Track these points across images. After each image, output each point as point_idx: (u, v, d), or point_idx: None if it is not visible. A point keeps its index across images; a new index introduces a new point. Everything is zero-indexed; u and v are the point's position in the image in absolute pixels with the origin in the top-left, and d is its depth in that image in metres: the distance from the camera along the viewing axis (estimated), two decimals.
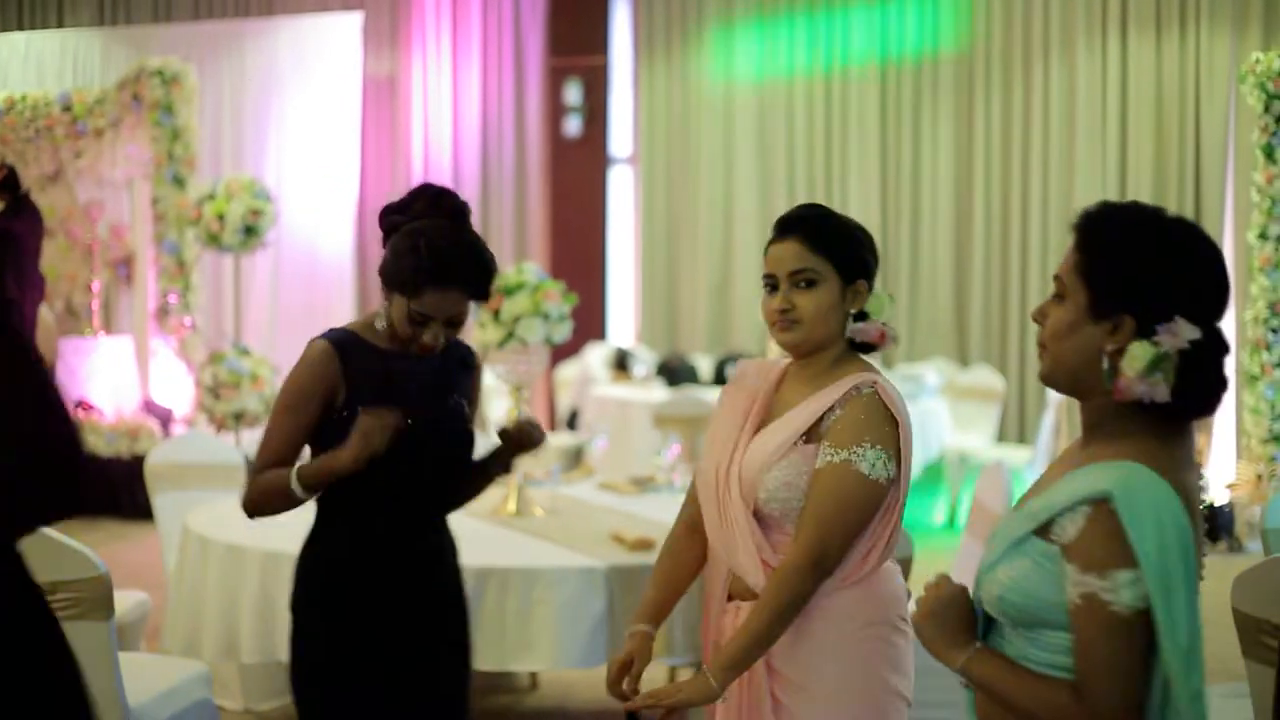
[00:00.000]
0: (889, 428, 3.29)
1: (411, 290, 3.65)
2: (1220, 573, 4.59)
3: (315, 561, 3.84)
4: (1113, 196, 11.82)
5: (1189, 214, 11.95)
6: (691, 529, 3.58)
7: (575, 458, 10.55)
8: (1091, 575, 2.43)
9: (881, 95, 13.17)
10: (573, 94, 14.17)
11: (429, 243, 3.65)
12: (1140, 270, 2.51)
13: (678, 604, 4.75)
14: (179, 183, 11.41)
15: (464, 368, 3.91)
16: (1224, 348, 2.53)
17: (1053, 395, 10.93)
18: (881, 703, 3.34)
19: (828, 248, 3.36)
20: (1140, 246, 2.52)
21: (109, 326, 12.88)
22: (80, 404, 12.02)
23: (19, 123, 12.62)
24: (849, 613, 3.32)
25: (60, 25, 14.15)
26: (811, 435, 3.31)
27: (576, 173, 14.20)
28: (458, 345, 3.93)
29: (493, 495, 6.08)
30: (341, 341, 3.76)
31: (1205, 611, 2.49)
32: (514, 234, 13.84)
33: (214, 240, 9.27)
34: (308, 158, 13.43)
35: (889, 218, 13.07)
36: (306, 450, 3.77)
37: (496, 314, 5.70)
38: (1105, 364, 2.54)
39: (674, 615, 5.10)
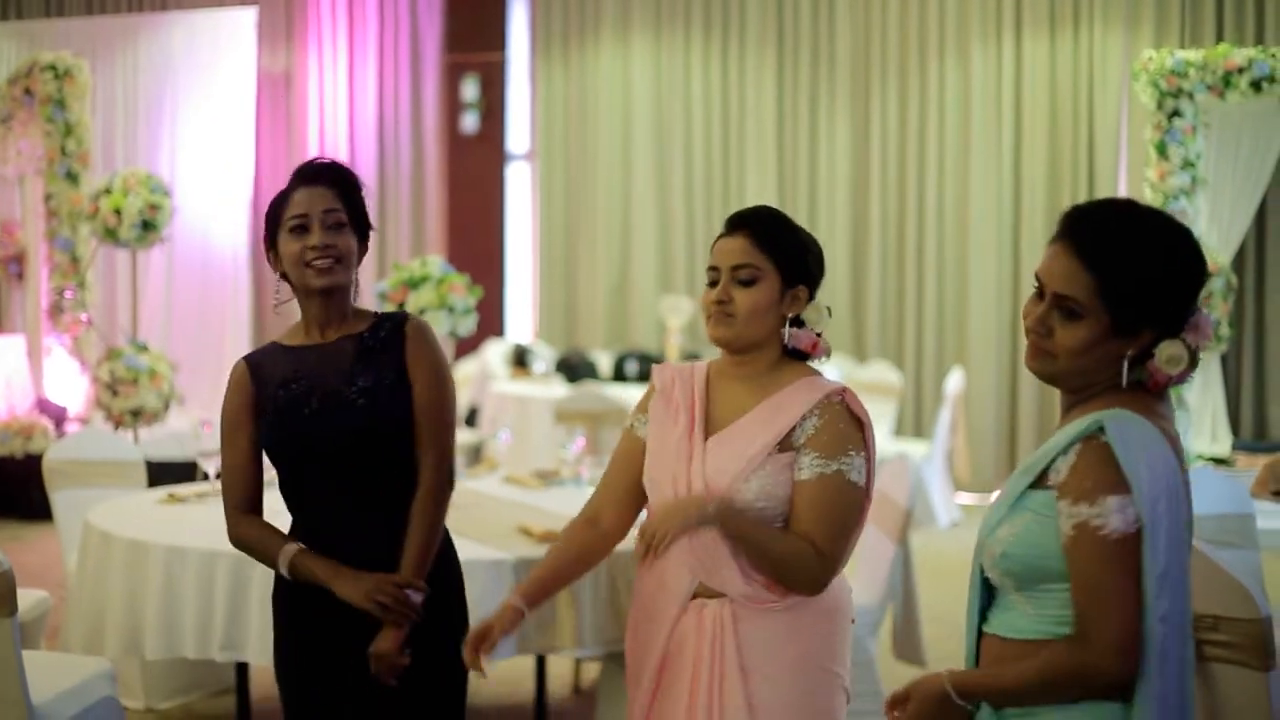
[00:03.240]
0: (860, 434, 3.36)
1: (282, 202, 3.70)
2: None
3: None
4: (1007, 193, 12.14)
5: None
6: (591, 524, 3.60)
7: (475, 454, 10.53)
8: (1082, 505, 2.56)
9: (778, 95, 13.23)
10: (470, 90, 14.12)
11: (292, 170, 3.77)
12: (1166, 287, 2.66)
13: (585, 596, 4.75)
14: (72, 178, 11.27)
15: (393, 339, 3.77)
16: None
17: (950, 390, 11.03)
18: (835, 699, 3.40)
19: (773, 247, 3.41)
20: (1152, 266, 2.65)
21: (0, 324, 12.70)
22: None
23: None
24: (812, 612, 3.37)
25: None
26: (785, 444, 3.34)
27: (474, 169, 14.16)
28: (387, 321, 3.82)
29: None
30: (256, 356, 3.83)
31: None
32: (411, 230, 13.80)
33: (111, 235, 9.16)
34: (202, 153, 13.31)
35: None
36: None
37: (402, 306, 5.69)
38: (1127, 366, 2.69)
39: (583, 607, 5.11)
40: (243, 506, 3.79)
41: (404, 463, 3.76)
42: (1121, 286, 2.65)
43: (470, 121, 14.17)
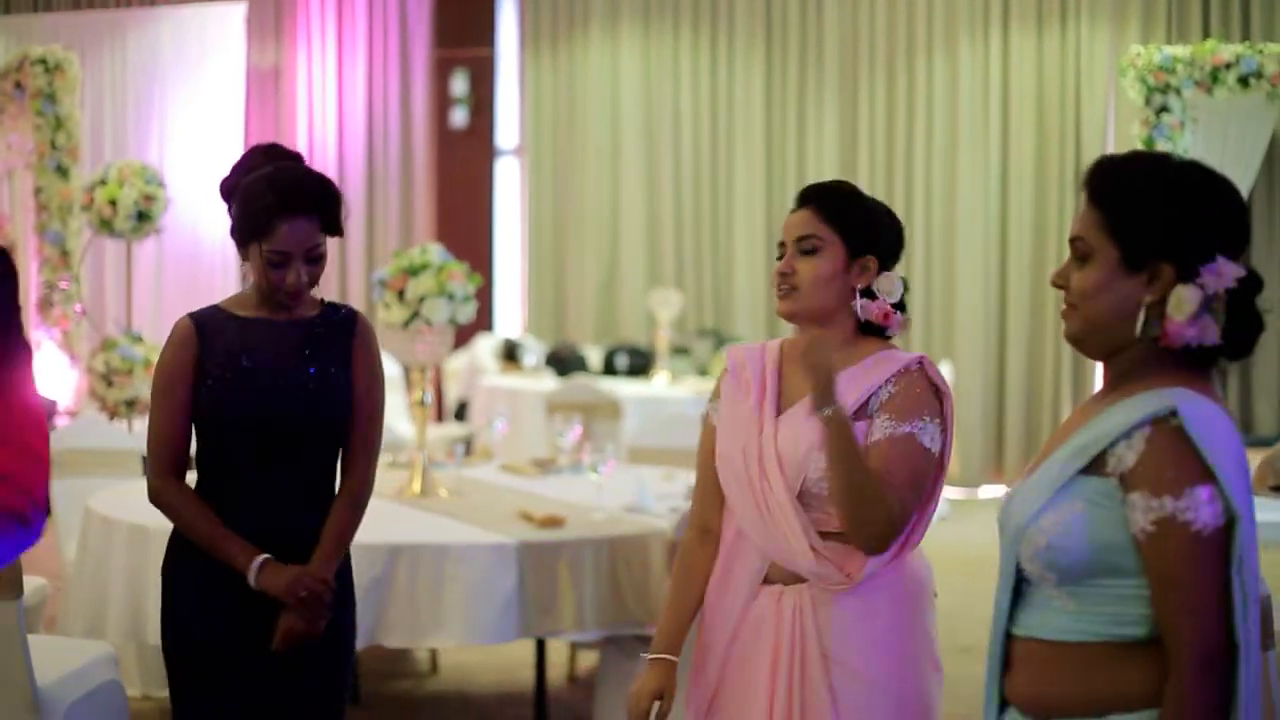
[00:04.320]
0: (938, 402, 3.30)
1: (264, 229, 3.64)
2: None
3: (185, 542, 3.82)
4: (995, 189, 12.19)
5: (1071, 206, 12.24)
6: (704, 534, 3.52)
7: (468, 446, 10.54)
8: (1166, 497, 2.33)
9: (766, 90, 13.26)
10: (459, 85, 14.12)
11: (273, 180, 3.66)
12: (1173, 214, 2.45)
13: (585, 577, 4.76)
14: (62, 172, 11.25)
15: (342, 332, 3.83)
16: (1259, 284, 2.46)
17: None
18: (926, 679, 3.36)
19: (837, 218, 3.36)
20: (1166, 191, 2.46)
21: None
22: None
23: None
24: (892, 592, 3.33)
25: None
26: (860, 414, 3.28)
27: (463, 164, 14.16)
28: (337, 310, 3.88)
29: (398, 476, 6.10)
30: (202, 314, 3.80)
31: None
32: (400, 225, 13.79)
33: (106, 226, 9.15)
34: (191, 147, 13.30)
35: (774, 211, 13.13)
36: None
37: (401, 294, 5.70)
38: (1143, 315, 2.46)
39: (584, 588, 5.14)
40: (173, 468, 3.76)
41: (328, 453, 3.83)
42: (1126, 215, 2.47)
43: (459, 117, 14.17)
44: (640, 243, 13.48)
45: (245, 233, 3.69)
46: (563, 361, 11.70)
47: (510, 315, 14.34)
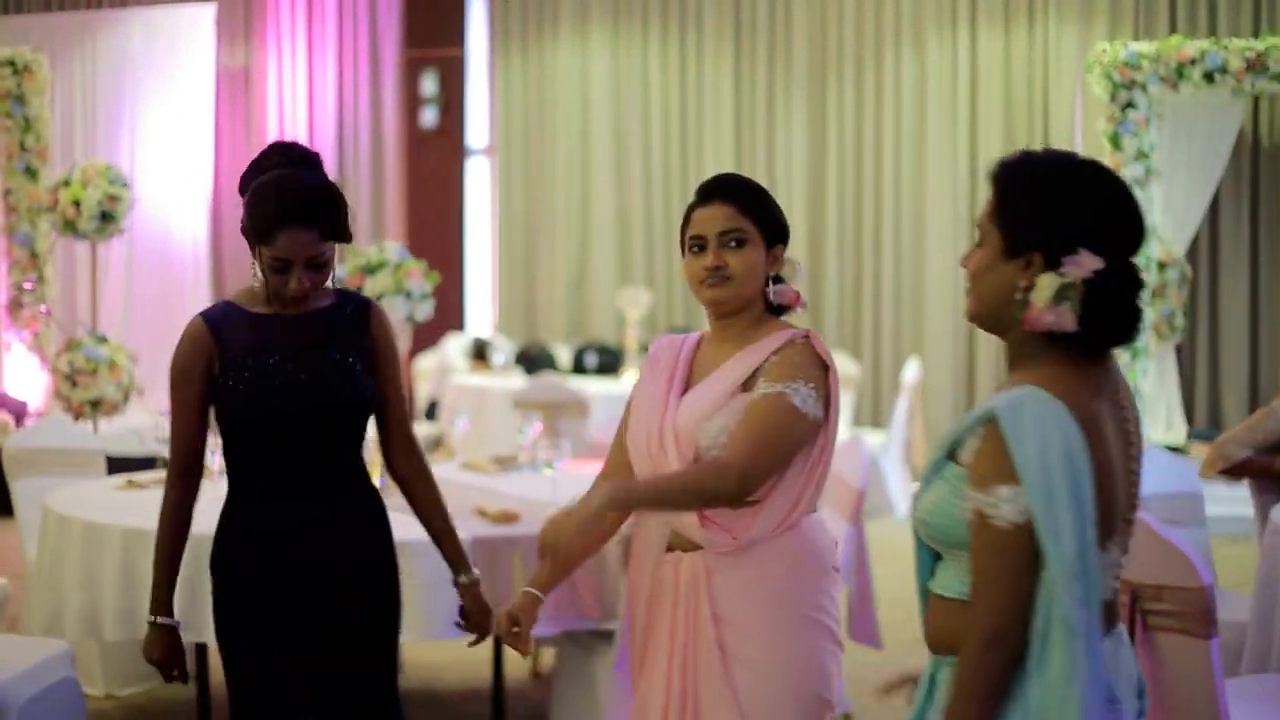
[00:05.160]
0: (820, 372, 3.42)
1: (266, 236, 3.68)
2: None
3: (226, 527, 3.89)
4: (963, 184, 12.23)
5: None
6: None
7: (434, 445, 10.58)
8: (979, 492, 2.54)
9: (735, 89, 13.30)
10: (429, 85, 14.15)
11: (277, 188, 3.70)
12: (1045, 207, 2.63)
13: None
14: (31, 174, 11.27)
15: (358, 323, 3.89)
16: (1136, 280, 2.65)
17: (907, 380, 11.11)
18: (820, 649, 3.48)
19: (756, 211, 3.54)
20: (1046, 185, 2.64)
21: None
22: None
23: None
24: (784, 559, 3.46)
25: None
26: (748, 385, 3.42)
27: (433, 164, 14.19)
28: (350, 299, 3.95)
29: None
30: (214, 314, 3.83)
31: None
32: (371, 224, 13.79)
33: (70, 227, 9.16)
34: (162, 149, 13.32)
35: None
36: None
37: (359, 291, 5.72)
38: (1020, 299, 2.64)
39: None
40: (182, 469, 3.85)
41: (356, 439, 3.93)
42: (1010, 204, 2.66)
43: (430, 116, 14.19)
44: (610, 242, 13.51)
45: (250, 235, 3.75)
46: (532, 360, 11.73)
47: (481, 314, 14.35)
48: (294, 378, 3.77)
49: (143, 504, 5.67)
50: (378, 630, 3.97)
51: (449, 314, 13.89)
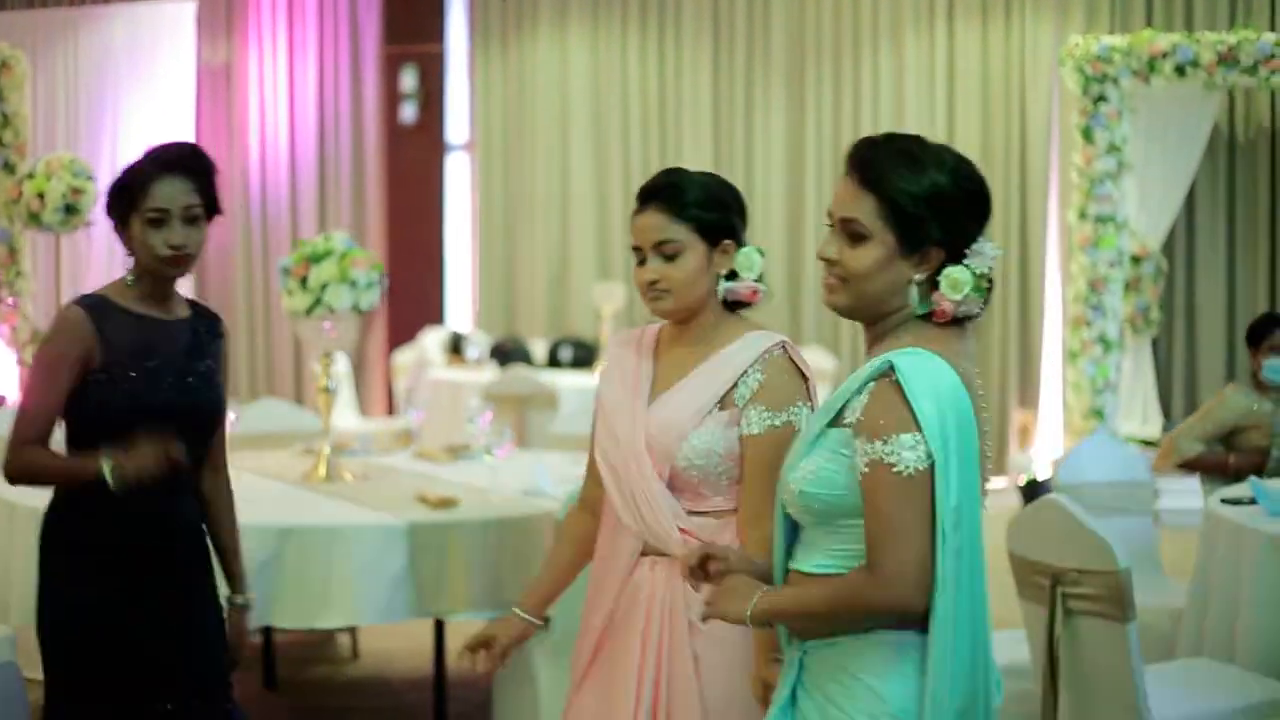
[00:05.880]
0: (804, 385, 3.40)
1: (141, 190, 3.71)
2: None
3: (60, 525, 3.89)
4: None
5: (1016, 196, 12.33)
6: (586, 508, 3.67)
7: (408, 439, 10.60)
8: (876, 442, 2.59)
9: (714, 84, 13.30)
10: (408, 81, 14.16)
11: (148, 151, 3.80)
12: (946, 206, 2.70)
13: (475, 558, 4.82)
14: (10, 169, 11.30)
15: (211, 335, 3.94)
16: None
17: None
18: None
19: (686, 215, 3.41)
20: (933, 183, 2.69)
21: None
22: None
23: None
24: None
25: None
26: (725, 401, 3.38)
27: (413, 159, 14.20)
28: (205, 313, 3.99)
29: (307, 462, 6.16)
30: (94, 305, 3.80)
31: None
32: (352, 219, 13.78)
33: (34, 220, 9.18)
34: (144, 145, 13.29)
35: None
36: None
37: (304, 281, 5.75)
38: (915, 292, 2.71)
39: (474, 570, 5.20)
40: (36, 442, 3.79)
41: (202, 444, 3.96)
42: (901, 203, 2.69)
43: (409, 112, 14.20)
44: (590, 236, 13.53)
45: (124, 206, 3.75)
46: (506, 354, 11.75)
47: (461, 309, 14.37)
48: (175, 381, 3.79)
49: None
50: (210, 627, 3.98)
51: (428, 308, 13.94)
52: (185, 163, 3.78)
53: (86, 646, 3.80)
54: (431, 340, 12.62)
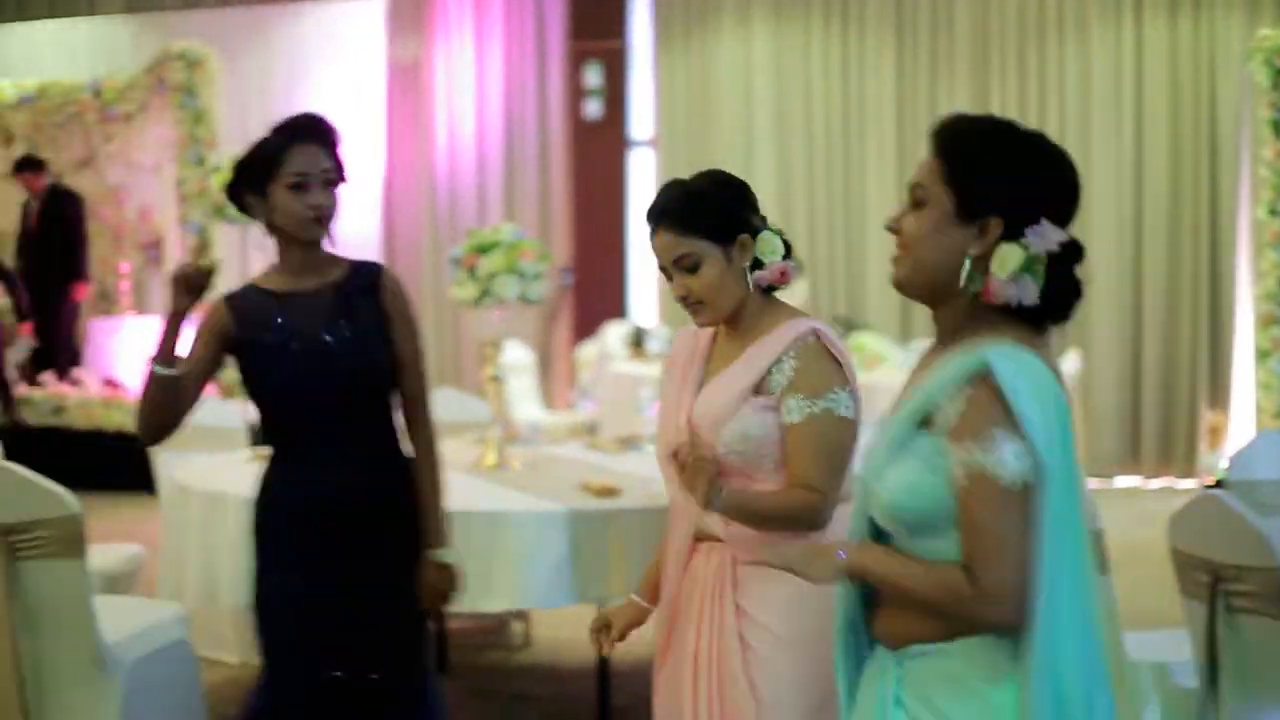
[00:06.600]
0: (839, 369, 3.43)
1: (277, 162, 3.84)
2: None
3: (261, 493, 4.04)
4: (1128, 176, 12.06)
5: (1205, 193, 12.11)
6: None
7: (592, 433, 10.68)
8: (977, 452, 2.42)
9: (898, 79, 13.22)
10: (593, 77, 14.28)
11: (277, 124, 3.93)
12: (1008, 172, 2.54)
13: (634, 546, 4.87)
14: (202, 163, 11.60)
15: (364, 293, 4.01)
16: (1081, 255, 2.56)
17: (1066, 372, 10.97)
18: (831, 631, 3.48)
19: (693, 226, 3.45)
20: (1006, 151, 2.56)
21: (140, 307, 13.12)
22: (107, 381, 12.26)
23: (51, 109, 12.88)
24: None
25: (91, 13, 14.36)
26: (760, 388, 3.42)
27: (597, 155, 14.30)
28: (362, 270, 4.07)
29: (475, 450, 6.26)
30: (235, 295, 3.97)
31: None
32: (537, 215, 13.91)
33: (220, 213, 9.42)
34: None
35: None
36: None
37: (473, 271, 5.85)
38: (968, 267, 2.54)
39: (633, 557, 5.24)
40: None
41: (382, 410, 4.03)
42: (964, 165, 2.56)
43: (593, 108, 14.33)
44: None
45: (261, 178, 3.88)
46: None
47: (644, 303, 14.44)
48: (302, 352, 3.88)
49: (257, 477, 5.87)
50: (402, 599, 4.05)
51: (612, 302, 14.03)
52: (318, 130, 3.91)
53: (273, 617, 3.97)
54: (613, 334, 12.70)
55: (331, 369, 3.90)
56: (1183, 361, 12.32)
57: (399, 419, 4.07)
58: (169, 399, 3.79)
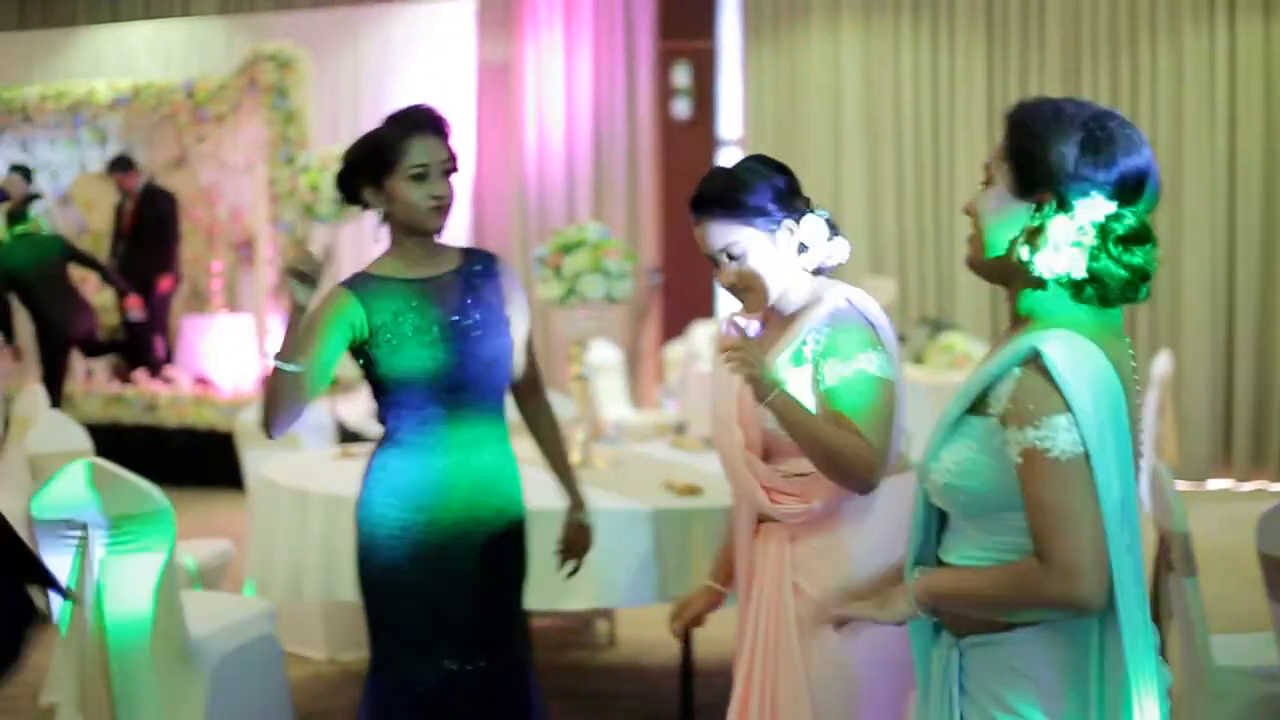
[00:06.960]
0: (872, 332, 3.45)
1: (396, 155, 3.89)
2: None
3: (371, 477, 4.08)
4: (1221, 177, 11.96)
5: None
6: None
7: (679, 432, 10.68)
8: (1028, 429, 2.46)
9: (988, 77, 13.13)
10: (682, 77, 14.28)
11: (391, 115, 3.98)
12: (1062, 147, 2.55)
13: (716, 543, 4.90)
14: (293, 164, 11.69)
15: (485, 275, 4.08)
16: (1149, 237, 2.55)
17: (1157, 373, 10.88)
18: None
19: (739, 215, 3.49)
20: (1064, 128, 2.56)
21: (232, 306, 13.27)
22: (198, 379, 12.39)
23: (145, 110, 13.03)
24: (864, 524, 3.47)
25: (185, 14, 14.52)
26: (799, 360, 3.45)
27: (686, 154, 14.28)
28: (478, 256, 4.14)
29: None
30: (353, 280, 4.01)
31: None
32: (626, 216, 13.94)
33: (310, 211, 9.52)
34: None
35: None
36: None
37: (558, 270, 5.87)
38: (1022, 239, 2.57)
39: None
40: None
41: (503, 390, 4.12)
42: (1024, 142, 2.58)
43: (682, 108, 14.32)
44: (862, 231, 13.46)
45: (380, 171, 3.93)
46: None
47: (732, 303, 14.39)
48: (441, 338, 3.94)
49: (349, 473, 5.90)
50: (512, 583, 4.14)
51: (699, 302, 14.02)
52: (433, 121, 3.96)
53: (402, 610, 4.02)
54: (700, 334, 12.69)
55: (467, 352, 3.97)
56: (1276, 363, 12.20)
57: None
58: (293, 394, 3.83)
